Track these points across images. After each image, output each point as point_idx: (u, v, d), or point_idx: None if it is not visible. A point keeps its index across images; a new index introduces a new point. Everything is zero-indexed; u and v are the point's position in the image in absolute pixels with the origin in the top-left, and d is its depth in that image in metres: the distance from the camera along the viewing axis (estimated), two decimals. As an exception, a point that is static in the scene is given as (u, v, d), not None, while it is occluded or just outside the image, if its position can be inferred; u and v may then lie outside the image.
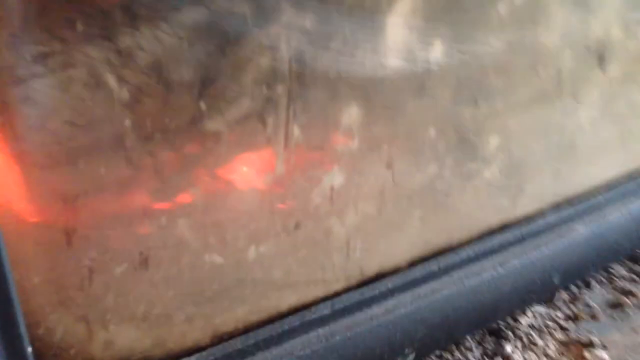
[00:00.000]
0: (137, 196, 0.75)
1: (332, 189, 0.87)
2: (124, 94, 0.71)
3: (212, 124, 0.78)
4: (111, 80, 0.71)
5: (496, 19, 0.93)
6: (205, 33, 0.75)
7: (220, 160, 0.79)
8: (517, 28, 0.95)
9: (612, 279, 1.28)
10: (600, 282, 1.26)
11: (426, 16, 0.87)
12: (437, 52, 0.89)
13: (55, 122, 0.70)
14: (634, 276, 1.28)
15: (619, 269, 1.30)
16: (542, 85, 1.01)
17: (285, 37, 0.78)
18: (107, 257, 0.74)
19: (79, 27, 0.74)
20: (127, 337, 0.78)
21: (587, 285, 1.25)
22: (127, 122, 0.71)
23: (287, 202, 0.84)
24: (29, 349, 0.69)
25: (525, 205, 1.08)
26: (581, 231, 1.12)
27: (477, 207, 1.02)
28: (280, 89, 0.79)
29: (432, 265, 0.99)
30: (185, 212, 0.78)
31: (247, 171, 0.81)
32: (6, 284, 0.65)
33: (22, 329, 0.68)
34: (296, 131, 0.82)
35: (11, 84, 0.67)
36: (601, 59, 1.05)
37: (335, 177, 0.87)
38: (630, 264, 1.31)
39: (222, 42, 0.75)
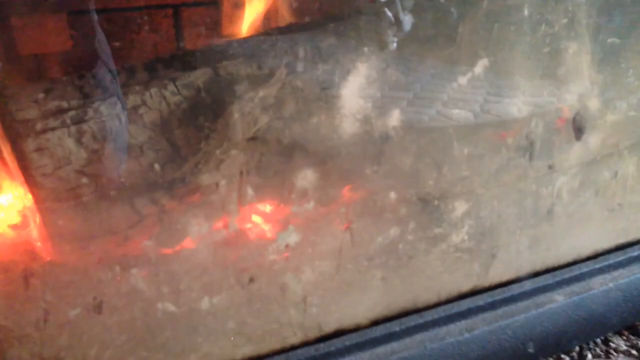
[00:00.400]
0: (93, 244, 0.82)
1: (287, 246, 0.91)
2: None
3: (172, 183, 0.85)
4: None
5: (459, 87, 0.97)
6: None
7: (176, 215, 0.86)
8: (482, 97, 0.98)
9: (608, 351, 1.25)
10: (595, 355, 1.24)
11: (384, 84, 0.92)
12: (396, 118, 0.93)
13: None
14: (632, 350, 1.25)
15: (618, 341, 1.28)
16: (513, 154, 1.02)
17: (240, 103, 0.84)
18: (62, 300, 0.81)
19: (100, 84, 0.83)
20: (80, 375, 0.84)
21: (581, 357, 1.23)
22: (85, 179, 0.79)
23: (241, 257, 0.90)
24: (-14, 379, 0.77)
25: (499, 272, 1.09)
26: (561, 301, 1.11)
27: (444, 271, 1.04)
28: (234, 152, 0.85)
29: (394, 326, 1.00)
30: (140, 262, 0.84)
31: (201, 226, 0.87)
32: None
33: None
34: (250, 191, 0.88)
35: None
36: (578, 131, 1.06)
37: (291, 236, 0.91)
38: (632, 337, 1.28)
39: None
